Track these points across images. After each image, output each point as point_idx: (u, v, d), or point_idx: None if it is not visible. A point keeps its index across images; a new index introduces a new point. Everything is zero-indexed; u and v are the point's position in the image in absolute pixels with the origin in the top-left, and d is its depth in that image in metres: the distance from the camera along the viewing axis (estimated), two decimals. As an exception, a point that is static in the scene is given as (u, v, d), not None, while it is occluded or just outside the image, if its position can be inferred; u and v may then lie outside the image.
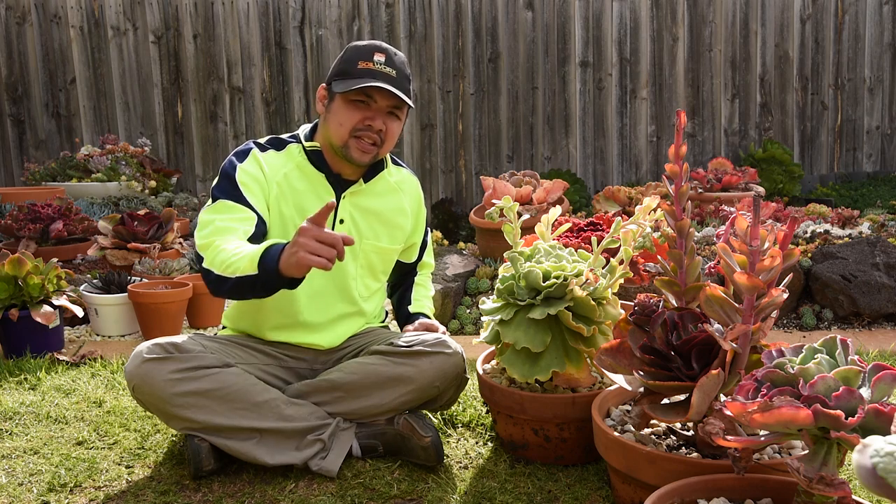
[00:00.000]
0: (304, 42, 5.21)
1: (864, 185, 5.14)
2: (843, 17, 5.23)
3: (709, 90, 5.25)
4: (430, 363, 1.81)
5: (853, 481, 1.59)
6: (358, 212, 1.92)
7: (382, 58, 1.82)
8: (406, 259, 2.11)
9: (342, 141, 1.83)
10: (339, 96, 1.83)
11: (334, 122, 1.84)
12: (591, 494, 1.65)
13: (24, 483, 1.70)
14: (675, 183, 1.57)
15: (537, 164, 5.27)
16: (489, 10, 5.17)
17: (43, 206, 3.70)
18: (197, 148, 5.31)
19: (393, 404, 1.81)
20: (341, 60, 1.85)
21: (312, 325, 1.90)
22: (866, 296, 2.92)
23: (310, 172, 1.88)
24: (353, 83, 1.79)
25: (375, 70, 1.80)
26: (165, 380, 1.69)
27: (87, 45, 5.25)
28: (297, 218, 1.84)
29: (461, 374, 1.85)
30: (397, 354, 1.82)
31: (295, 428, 1.74)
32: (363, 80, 1.79)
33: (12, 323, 2.60)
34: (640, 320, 1.51)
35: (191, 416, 1.70)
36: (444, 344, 1.83)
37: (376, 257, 1.96)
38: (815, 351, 1.22)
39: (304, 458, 1.72)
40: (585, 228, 2.86)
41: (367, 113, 1.82)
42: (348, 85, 1.80)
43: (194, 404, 1.69)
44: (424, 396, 1.83)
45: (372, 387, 1.80)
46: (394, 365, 1.81)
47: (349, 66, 1.82)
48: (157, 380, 1.69)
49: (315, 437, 1.74)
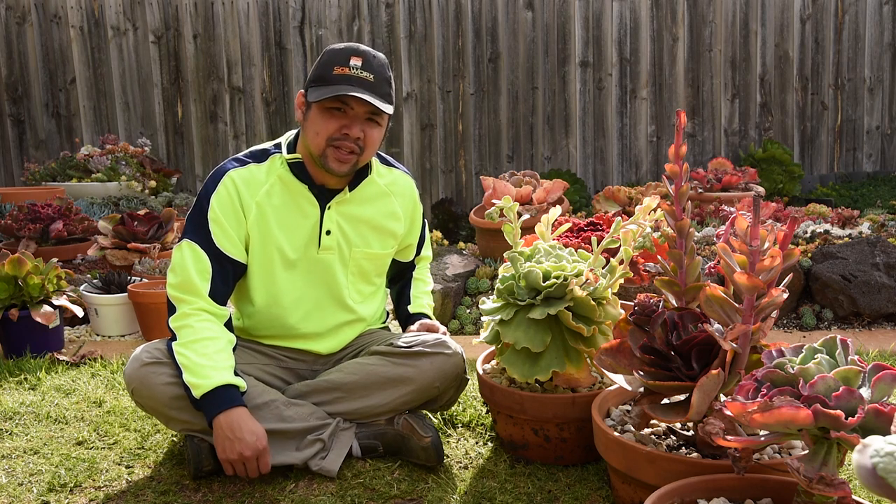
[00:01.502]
0: (304, 42, 5.21)
1: (864, 185, 5.14)
2: (843, 17, 5.23)
3: (709, 90, 5.25)
4: (431, 364, 1.81)
5: (853, 481, 1.59)
6: (345, 220, 1.87)
7: (359, 62, 1.74)
8: (403, 258, 2.10)
9: (319, 150, 1.77)
10: (315, 104, 1.76)
11: (311, 132, 1.78)
12: (591, 494, 1.65)
13: (24, 483, 1.70)
14: (675, 183, 1.57)
15: (537, 164, 5.27)
16: (489, 10, 5.17)
17: (43, 206, 3.70)
18: (197, 148, 5.31)
19: (393, 404, 1.81)
20: (318, 65, 1.78)
21: (311, 335, 1.91)
22: (866, 296, 2.92)
23: (292, 185, 1.82)
24: (328, 91, 1.72)
25: (351, 76, 1.73)
26: (164, 383, 1.70)
27: (87, 45, 5.25)
28: (280, 234, 1.81)
29: (461, 374, 1.85)
30: (397, 355, 1.82)
31: (295, 428, 1.73)
32: (338, 88, 1.72)
33: (12, 323, 2.60)
34: (640, 320, 1.51)
35: (190, 419, 1.71)
36: (444, 344, 1.83)
37: (368, 263, 1.93)
38: (815, 351, 1.22)
39: (304, 458, 1.72)
40: (585, 228, 2.87)
41: (344, 121, 1.75)
42: (322, 93, 1.73)
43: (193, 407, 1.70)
44: (424, 397, 1.83)
45: (372, 387, 1.80)
46: (394, 366, 1.81)
47: (324, 72, 1.74)
48: (156, 384, 1.70)
49: (315, 437, 1.74)
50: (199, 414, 1.69)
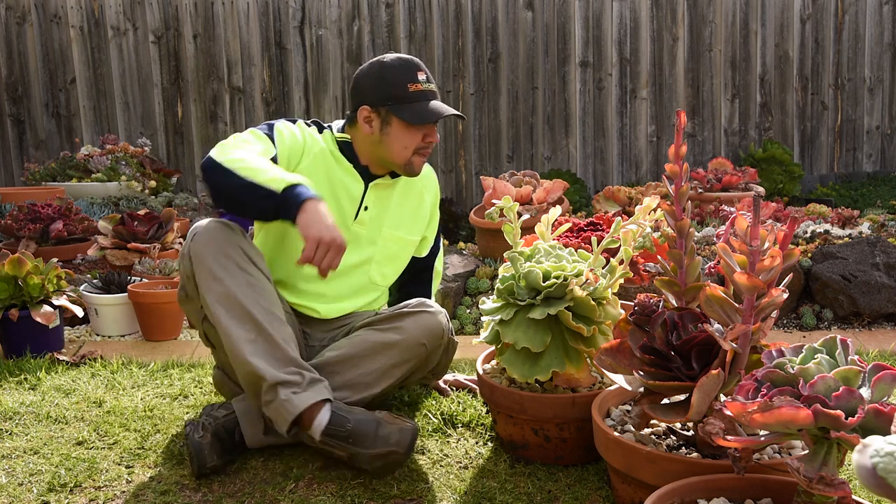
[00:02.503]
0: (304, 42, 5.21)
1: (864, 185, 5.14)
2: (843, 17, 5.23)
3: (709, 90, 5.25)
4: (415, 322, 1.85)
5: (853, 481, 1.59)
6: (383, 203, 2.02)
7: (424, 76, 1.92)
8: (418, 253, 2.16)
9: (404, 160, 1.93)
10: (399, 121, 1.89)
11: (397, 146, 1.91)
12: (591, 494, 1.65)
13: (24, 483, 1.70)
14: (675, 183, 1.57)
15: (537, 164, 5.27)
16: (489, 10, 5.17)
17: (43, 206, 3.70)
18: (197, 148, 5.30)
19: (384, 368, 1.84)
20: (386, 83, 1.90)
21: (315, 294, 1.97)
22: (866, 296, 2.92)
23: (340, 159, 1.98)
24: (425, 114, 1.88)
25: (426, 91, 1.91)
26: (228, 241, 1.75)
27: (87, 45, 5.25)
28: (325, 193, 1.89)
29: (446, 333, 1.89)
30: (381, 321, 1.89)
31: (287, 353, 1.73)
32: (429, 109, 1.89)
33: (12, 323, 2.60)
34: (640, 320, 1.51)
35: (224, 279, 1.73)
36: (426, 304, 1.89)
37: (395, 246, 2.05)
38: (815, 351, 1.22)
39: (277, 378, 1.67)
40: (585, 228, 2.87)
41: (425, 130, 1.92)
42: (418, 116, 1.88)
43: (233, 273, 1.73)
44: (413, 356, 1.85)
45: (362, 355, 1.84)
46: (380, 332, 1.86)
47: (400, 91, 1.89)
48: (223, 237, 1.76)
49: (297, 370, 1.71)
50: (233, 281, 1.72)
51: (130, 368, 2.47)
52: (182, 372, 2.43)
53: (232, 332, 1.72)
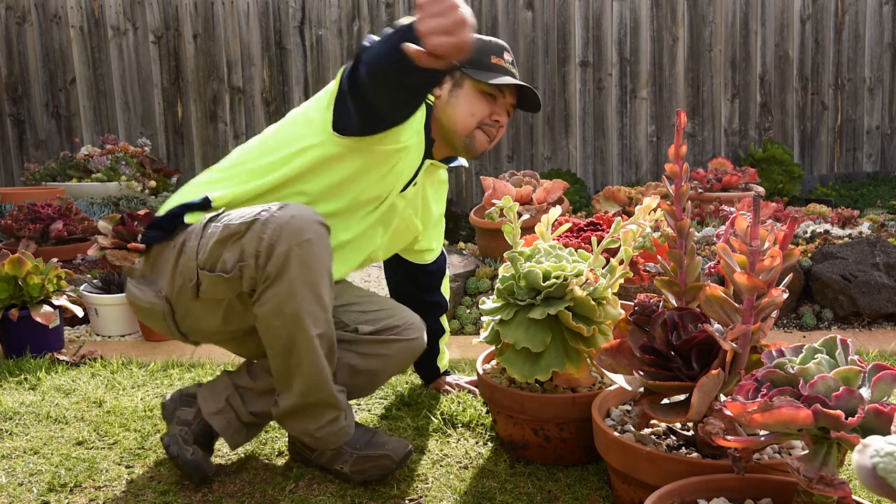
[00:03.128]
0: (304, 42, 5.21)
1: (864, 185, 5.14)
2: (843, 17, 5.23)
3: (709, 90, 5.25)
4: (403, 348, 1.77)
5: (853, 481, 1.59)
6: (421, 185, 1.92)
7: (510, 58, 1.84)
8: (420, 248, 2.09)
9: (467, 130, 1.81)
10: (472, 84, 1.79)
11: (465, 110, 1.80)
12: (591, 494, 1.65)
13: (24, 483, 1.70)
14: (675, 183, 1.57)
15: (537, 164, 5.27)
16: (489, 10, 5.17)
17: (43, 206, 3.70)
18: (197, 148, 5.31)
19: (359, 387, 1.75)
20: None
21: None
22: (866, 296, 2.92)
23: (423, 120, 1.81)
24: (500, 77, 1.76)
25: (507, 68, 1.81)
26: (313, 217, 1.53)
27: (87, 45, 5.25)
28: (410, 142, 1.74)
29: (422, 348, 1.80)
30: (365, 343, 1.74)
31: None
32: (505, 76, 1.78)
33: (12, 323, 2.60)
34: (640, 320, 1.51)
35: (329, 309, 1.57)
36: (412, 327, 1.78)
37: (403, 228, 1.93)
38: (815, 351, 1.22)
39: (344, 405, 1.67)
40: (585, 228, 2.87)
41: (495, 107, 1.81)
42: (492, 77, 1.76)
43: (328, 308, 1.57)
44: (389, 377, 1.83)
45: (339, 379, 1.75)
46: (362, 358, 1.73)
47: (482, 58, 1.78)
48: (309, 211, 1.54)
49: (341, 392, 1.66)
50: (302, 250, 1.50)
51: (130, 368, 2.47)
52: (182, 372, 2.43)
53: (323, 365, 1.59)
